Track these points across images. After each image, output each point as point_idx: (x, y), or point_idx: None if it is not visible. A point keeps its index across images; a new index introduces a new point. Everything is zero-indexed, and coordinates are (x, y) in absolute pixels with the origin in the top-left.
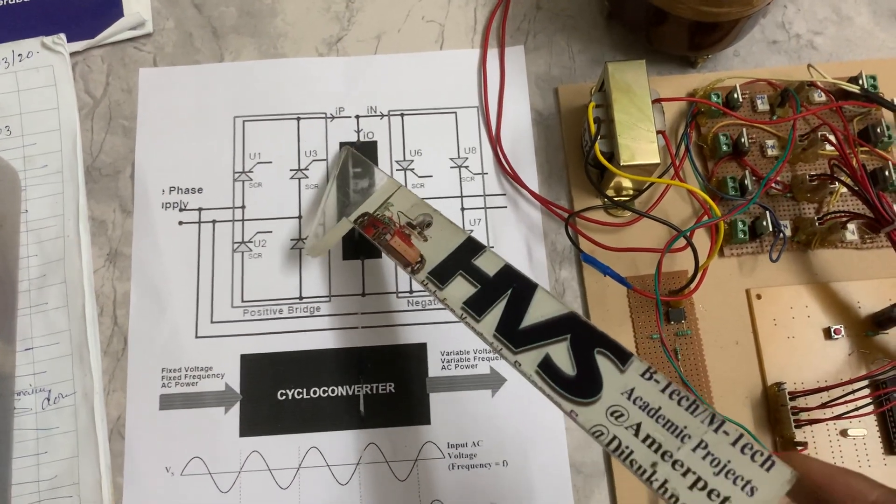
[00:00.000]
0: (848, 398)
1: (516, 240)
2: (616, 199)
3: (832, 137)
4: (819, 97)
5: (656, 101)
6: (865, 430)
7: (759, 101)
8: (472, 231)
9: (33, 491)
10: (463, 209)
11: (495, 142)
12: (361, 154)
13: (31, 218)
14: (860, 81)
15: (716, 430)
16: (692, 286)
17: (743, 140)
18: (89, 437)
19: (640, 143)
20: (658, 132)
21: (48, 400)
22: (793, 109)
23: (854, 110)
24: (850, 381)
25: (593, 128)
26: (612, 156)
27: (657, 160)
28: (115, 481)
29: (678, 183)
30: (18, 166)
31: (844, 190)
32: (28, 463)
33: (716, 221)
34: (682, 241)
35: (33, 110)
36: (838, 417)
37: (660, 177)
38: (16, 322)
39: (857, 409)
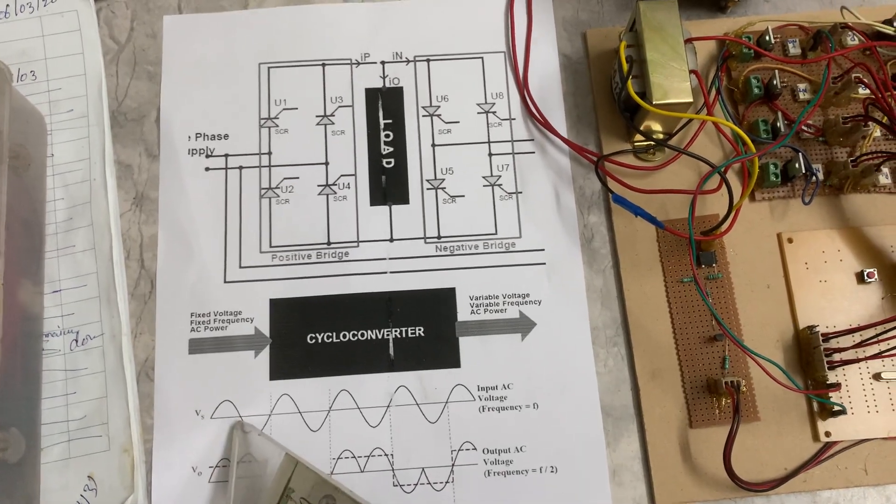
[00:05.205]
0: (881, 337)
1: (544, 185)
2: (652, 138)
3: (866, 79)
4: (852, 40)
5: (688, 40)
6: None
7: (790, 45)
8: (499, 178)
9: (63, 430)
10: (490, 155)
11: (523, 87)
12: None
13: (57, 162)
14: (895, 24)
15: None
16: (726, 225)
17: (775, 83)
18: (118, 377)
19: (672, 82)
20: (691, 72)
21: (76, 341)
22: (826, 51)
23: (889, 53)
24: (884, 322)
25: (626, 66)
26: (643, 96)
27: (690, 99)
28: (145, 422)
29: (715, 119)
30: (44, 111)
31: (877, 134)
32: (57, 403)
33: (751, 157)
34: (714, 182)
35: (58, 55)
36: (872, 357)
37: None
38: (44, 264)
39: (890, 349)
